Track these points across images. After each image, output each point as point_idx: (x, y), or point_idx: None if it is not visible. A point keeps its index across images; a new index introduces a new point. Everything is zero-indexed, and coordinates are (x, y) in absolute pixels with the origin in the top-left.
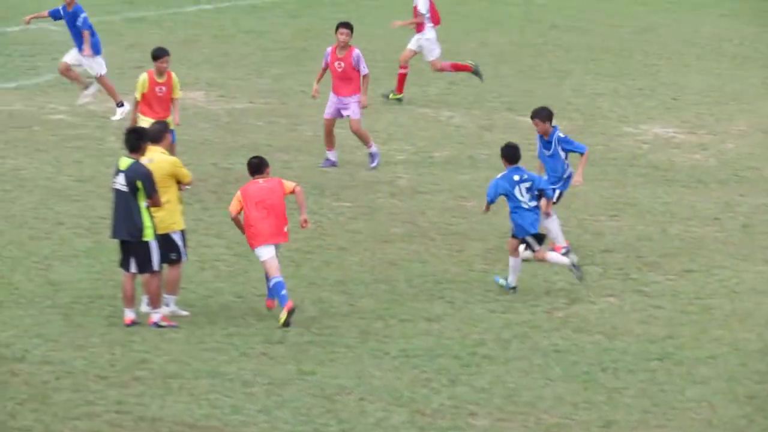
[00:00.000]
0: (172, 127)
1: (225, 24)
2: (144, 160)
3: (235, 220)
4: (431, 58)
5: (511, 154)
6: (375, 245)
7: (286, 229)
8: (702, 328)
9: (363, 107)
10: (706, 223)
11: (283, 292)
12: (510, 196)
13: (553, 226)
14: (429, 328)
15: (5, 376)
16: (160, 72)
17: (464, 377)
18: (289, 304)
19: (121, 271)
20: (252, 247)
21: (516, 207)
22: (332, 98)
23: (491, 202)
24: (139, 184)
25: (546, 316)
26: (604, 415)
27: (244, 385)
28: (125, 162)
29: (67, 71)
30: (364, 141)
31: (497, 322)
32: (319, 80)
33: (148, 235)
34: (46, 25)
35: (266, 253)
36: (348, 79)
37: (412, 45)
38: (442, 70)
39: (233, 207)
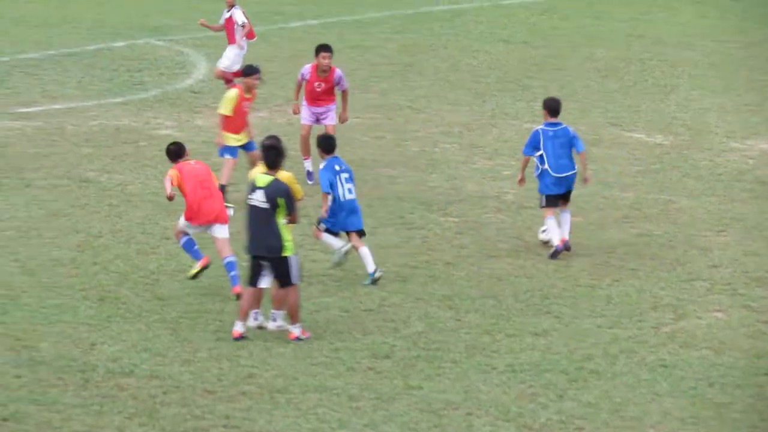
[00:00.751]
0: (250, 138)
1: (331, 39)
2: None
3: (172, 195)
4: (221, 66)
5: (327, 144)
6: (481, 260)
7: (229, 211)
8: None
9: (343, 121)
10: None
11: (233, 273)
12: (332, 186)
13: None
14: (536, 343)
15: (113, 390)
16: (249, 88)
17: (571, 392)
18: (237, 289)
19: (241, 286)
20: (195, 223)
21: (335, 197)
22: (309, 108)
23: (328, 191)
24: (280, 201)
25: (653, 332)
26: (711, 431)
27: (350, 399)
28: (264, 179)
29: None
30: None
31: (604, 337)
32: (297, 96)
33: (289, 250)
34: (152, 41)
35: (224, 231)
36: (326, 94)
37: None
38: (222, 77)
39: (173, 176)
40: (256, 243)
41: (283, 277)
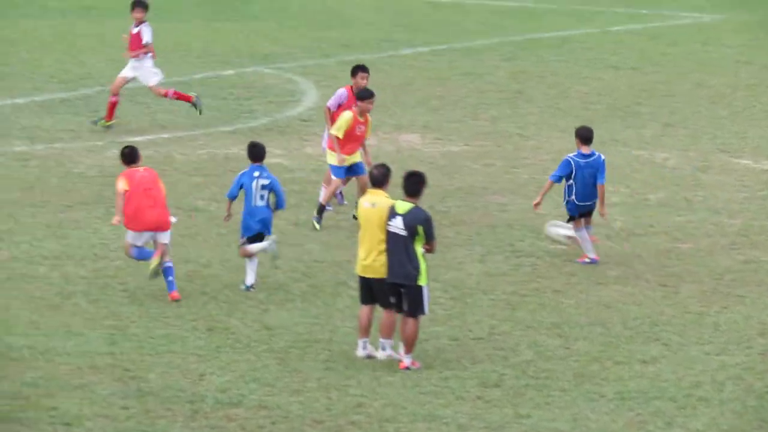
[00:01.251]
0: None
1: (440, 66)
2: (366, 203)
3: (121, 197)
4: (151, 84)
5: (252, 152)
6: (590, 288)
7: (171, 219)
8: None
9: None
10: None
11: (170, 278)
12: (247, 192)
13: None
14: (644, 371)
15: (222, 421)
16: (363, 112)
17: (680, 419)
18: (174, 294)
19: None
20: (134, 229)
21: (247, 203)
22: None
23: (231, 197)
24: (420, 229)
25: (760, 358)
26: None
27: (460, 428)
28: (404, 206)
29: None
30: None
31: (712, 364)
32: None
33: (423, 280)
34: (261, 68)
35: (166, 238)
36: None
37: (126, 72)
38: (165, 96)
39: (122, 187)
40: (393, 270)
41: (413, 306)
